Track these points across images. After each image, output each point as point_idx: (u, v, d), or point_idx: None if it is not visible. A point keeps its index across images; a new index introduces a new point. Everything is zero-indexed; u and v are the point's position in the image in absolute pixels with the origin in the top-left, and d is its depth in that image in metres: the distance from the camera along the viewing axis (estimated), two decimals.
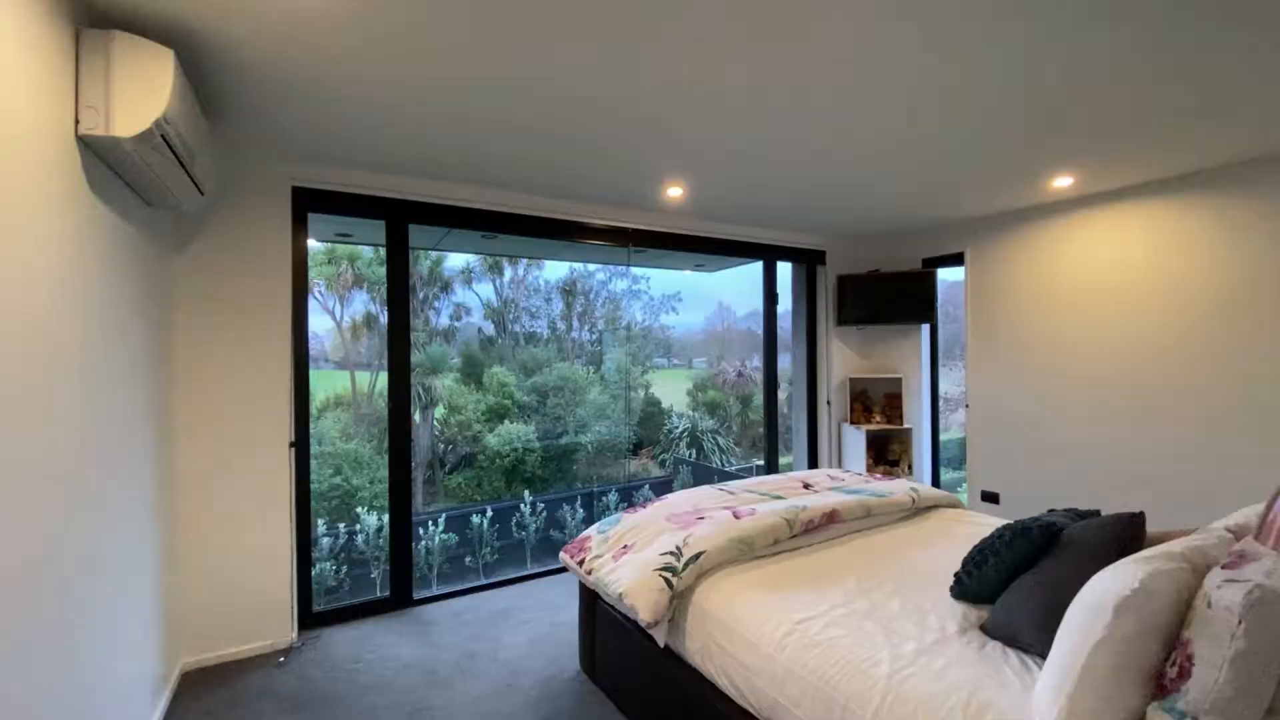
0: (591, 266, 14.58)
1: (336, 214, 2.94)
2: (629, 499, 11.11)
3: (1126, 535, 1.48)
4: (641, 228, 3.76)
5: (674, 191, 3.28)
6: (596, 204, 3.54)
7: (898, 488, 2.62)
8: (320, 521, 7.57)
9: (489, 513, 9.22)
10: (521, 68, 1.86)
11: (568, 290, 14.55)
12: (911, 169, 2.98)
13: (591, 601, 2.35)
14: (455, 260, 12.37)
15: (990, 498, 4.14)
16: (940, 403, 4.81)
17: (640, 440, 13.95)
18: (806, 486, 2.66)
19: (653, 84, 1.98)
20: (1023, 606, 1.48)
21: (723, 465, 13.51)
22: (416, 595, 3.16)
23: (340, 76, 1.91)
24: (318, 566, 5.76)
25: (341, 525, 7.95)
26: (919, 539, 2.27)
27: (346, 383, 10.60)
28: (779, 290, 4.83)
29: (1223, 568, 1.12)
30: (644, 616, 1.81)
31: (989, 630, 1.55)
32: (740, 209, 3.77)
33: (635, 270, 14.64)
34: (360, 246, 10.52)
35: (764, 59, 1.82)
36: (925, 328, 4.56)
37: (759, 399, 15.75)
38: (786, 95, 2.07)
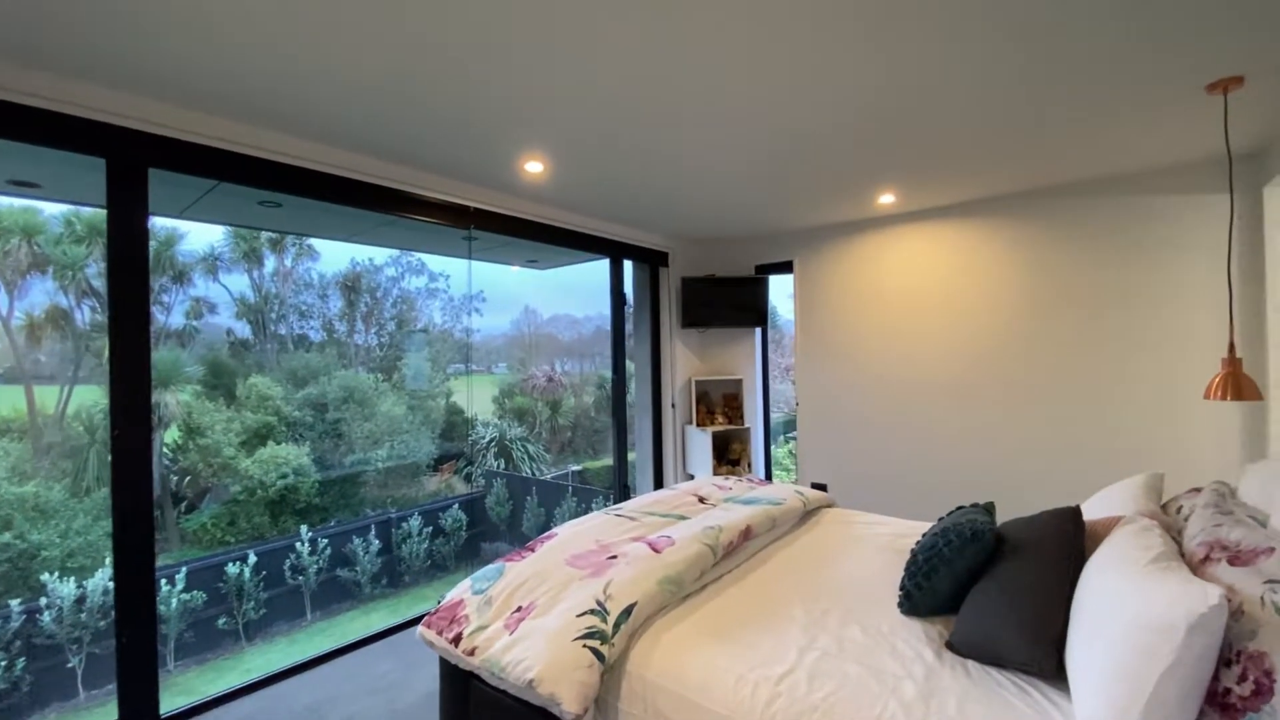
0: (379, 260, 12.87)
1: (10, 138, 1.85)
2: (434, 521, 9.92)
3: (1075, 530, 1.48)
4: (486, 207, 3.17)
5: (533, 167, 2.79)
6: (435, 174, 2.87)
7: (784, 493, 2.52)
8: None
9: (250, 558, 7.43)
10: None
11: (350, 286, 12.60)
12: (753, 178, 3.10)
13: (461, 683, 1.76)
14: (195, 243, 9.84)
15: (819, 488, 4.41)
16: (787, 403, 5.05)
17: (442, 454, 12.67)
18: (701, 500, 2.42)
19: (522, 43, 1.66)
20: (1002, 619, 1.38)
21: (535, 474, 12.97)
22: (167, 710, 2.15)
23: None
24: None
25: (16, 601, 5.63)
26: (827, 547, 2.16)
27: (18, 402, 7.63)
28: (613, 291, 4.59)
29: (1230, 564, 1.10)
30: (571, 709, 1.34)
31: (960, 648, 1.43)
32: (594, 200, 3.43)
33: (433, 266, 13.32)
34: (45, 212, 7.61)
35: (627, 42, 1.72)
36: (758, 331, 4.74)
37: (571, 402, 15.57)
38: (644, 86, 1.99)
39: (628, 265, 4.48)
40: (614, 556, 1.78)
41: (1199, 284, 3.07)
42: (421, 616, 2.93)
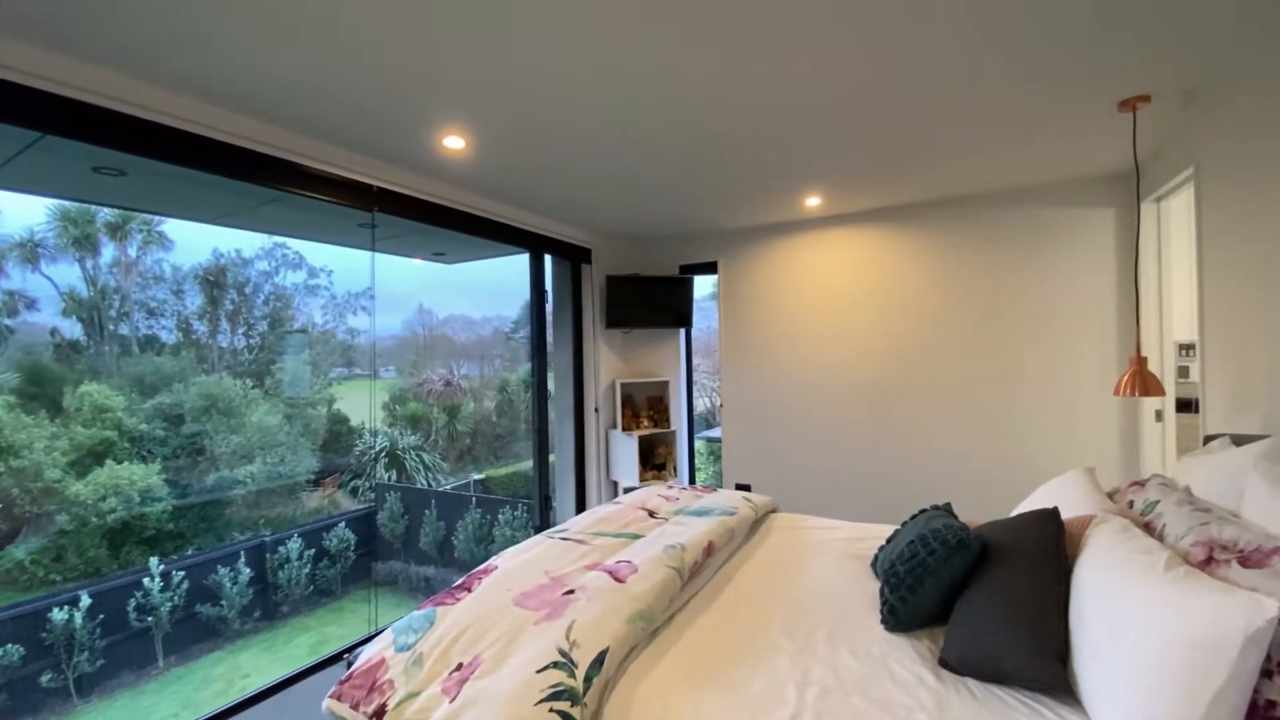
0: (248, 253, 11.41)
1: None
2: (317, 543, 8.90)
3: (1058, 533, 1.44)
4: (394, 188, 2.76)
5: (453, 143, 2.46)
6: (333, 144, 2.44)
7: (734, 501, 2.39)
8: None
9: (83, 600, 6.24)
10: None
11: (212, 281, 11.06)
12: (680, 177, 3.05)
13: None
14: (8, 226, 8.18)
15: (743, 487, 4.38)
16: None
17: (325, 468, 11.45)
18: (651, 514, 2.21)
19: None
20: (1001, 633, 1.30)
21: (432, 484, 12.13)
22: None
23: None
24: None
25: None
26: (786, 559, 2.04)
27: None
28: (534, 287, 4.29)
29: (1242, 566, 1.08)
30: None
31: (956, 666, 1.34)
32: (516, 188, 3.14)
33: (313, 260, 12.04)
34: None
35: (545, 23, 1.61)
36: (682, 332, 4.64)
37: (470, 407, 14.76)
38: (565, 66, 1.85)
39: (548, 261, 4.19)
40: (571, 591, 1.53)
41: (1088, 289, 3.35)
42: (325, 662, 2.50)
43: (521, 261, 4.17)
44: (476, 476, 13.16)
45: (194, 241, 10.43)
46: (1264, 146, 1.96)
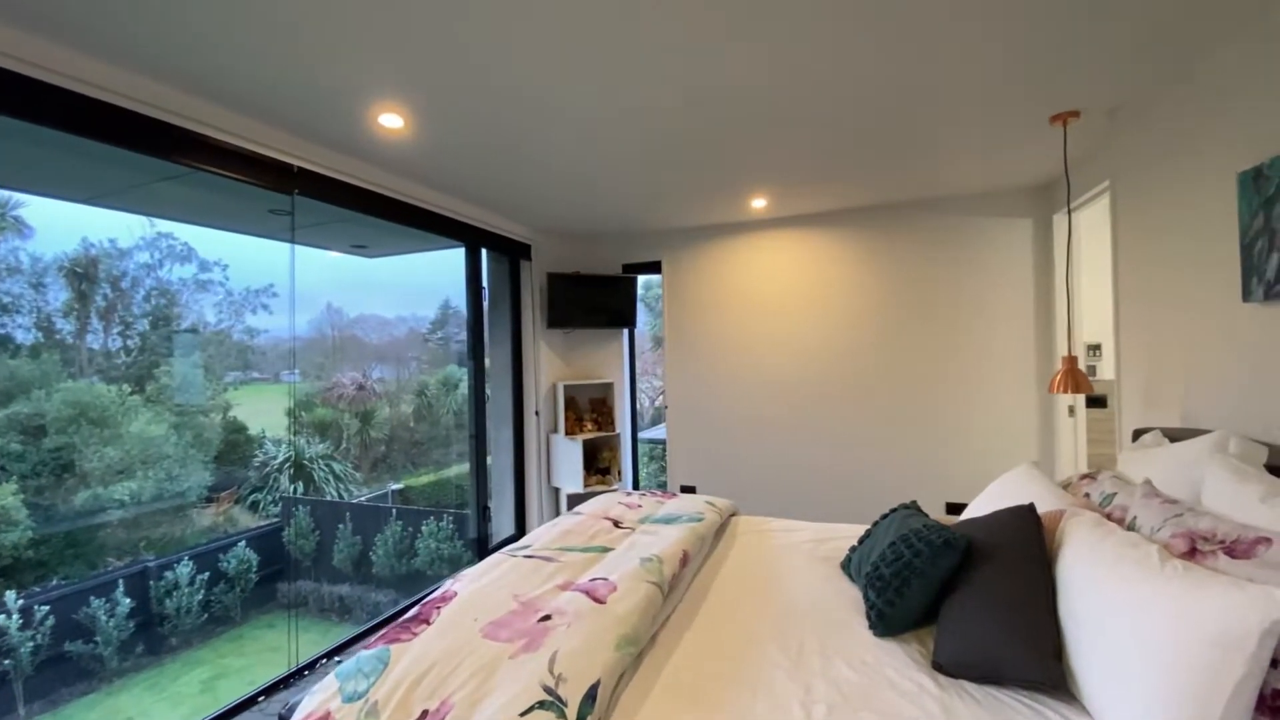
0: (125, 243, 10.12)
1: None
2: (213, 565, 8.00)
3: (1038, 530, 1.46)
4: (318, 169, 2.47)
5: (390, 121, 2.22)
6: (251, 115, 2.13)
7: (697, 506, 2.31)
8: None
9: None
10: None
11: (81, 273, 9.72)
12: (627, 172, 2.98)
13: None
14: None
15: (688, 489, 4.34)
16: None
17: (219, 482, 10.36)
18: (617, 524, 2.09)
19: None
20: (996, 634, 1.29)
21: (344, 496, 11.30)
22: None
23: None
24: None
25: None
26: (758, 564, 1.98)
27: None
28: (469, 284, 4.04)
29: (1230, 557, 1.11)
30: None
31: (951, 669, 1.32)
32: (454, 176, 2.93)
33: (205, 253, 10.88)
34: None
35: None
36: (626, 332, 4.53)
37: (385, 413, 13.90)
38: (525, 46, 1.74)
39: (484, 257, 3.96)
40: (547, 616, 1.38)
41: (1008, 295, 3.57)
42: (240, 707, 2.17)
43: (442, 259, 3.93)
44: (395, 486, 12.41)
45: (58, 227, 9.13)
46: (1175, 162, 2.13)
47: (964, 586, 1.44)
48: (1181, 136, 2.08)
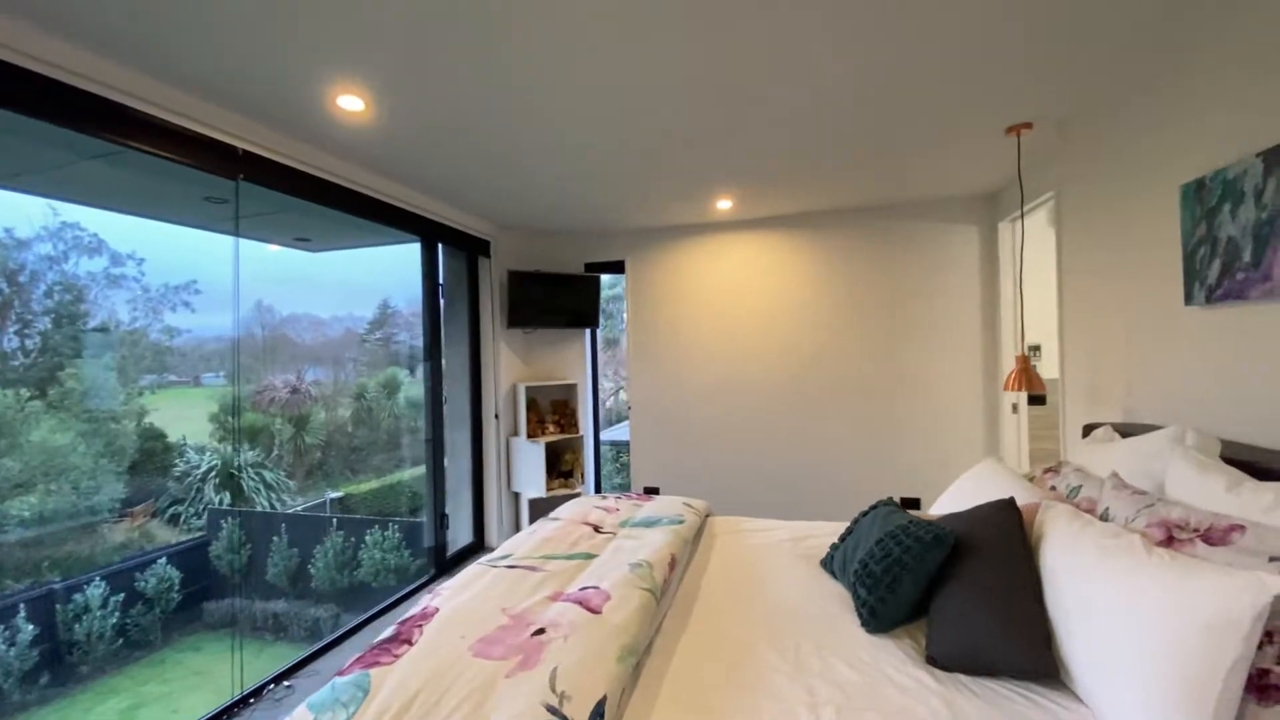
0: (23, 234, 9.17)
1: None
2: (129, 585, 7.32)
3: (1018, 522, 1.50)
4: (266, 154, 2.28)
5: (349, 103, 2.08)
6: (191, 91, 1.94)
7: (675, 508, 2.28)
8: None
9: None
10: None
11: None
12: (593, 168, 2.93)
13: None
14: None
15: (652, 491, 4.32)
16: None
17: (134, 494, 9.52)
18: (597, 529, 2.02)
19: None
20: (987, 627, 1.32)
21: (277, 506, 10.62)
22: None
23: None
24: None
25: None
26: (741, 565, 1.96)
27: None
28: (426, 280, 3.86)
29: (1209, 544, 1.17)
30: None
31: (945, 662, 1.34)
32: (413, 165, 2.78)
33: (118, 245, 9.99)
34: None
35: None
36: (588, 333, 4.46)
37: (321, 417, 13.19)
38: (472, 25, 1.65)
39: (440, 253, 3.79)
40: (541, 630, 1.31)
41: (956, 297, 3.73)
42: None
43: (383, 255, 3.75)
44: (333, 495, 11.78)
45: (76, 204, 8.21)
46: (1120, 174, 2.27)
47: (952, 581, 1.47)
48: (1126, 150, 2.22)
